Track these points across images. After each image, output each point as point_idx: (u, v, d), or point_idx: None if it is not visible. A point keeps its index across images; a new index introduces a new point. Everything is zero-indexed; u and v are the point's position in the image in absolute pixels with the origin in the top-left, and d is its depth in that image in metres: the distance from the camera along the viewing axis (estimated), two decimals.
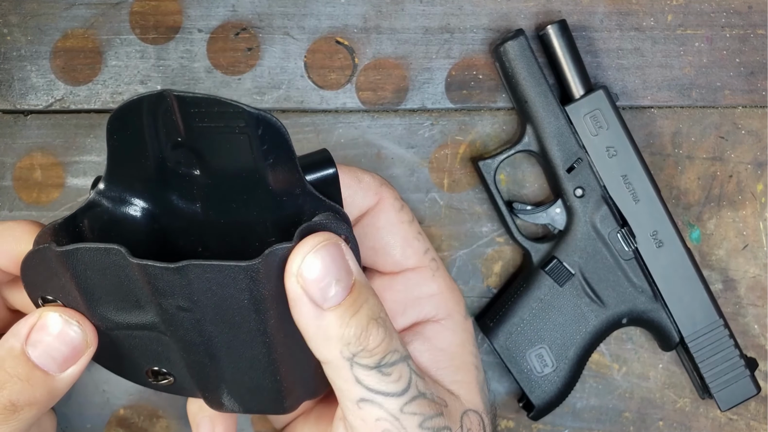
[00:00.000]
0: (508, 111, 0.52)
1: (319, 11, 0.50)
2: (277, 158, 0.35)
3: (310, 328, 0.35)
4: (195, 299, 0.33)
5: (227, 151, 0.35)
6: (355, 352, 0.36)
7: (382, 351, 0.36)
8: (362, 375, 0.36)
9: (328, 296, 0.35)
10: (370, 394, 0.36)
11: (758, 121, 0.52)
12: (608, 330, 0.50)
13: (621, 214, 0.49)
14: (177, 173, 0.37)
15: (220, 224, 0.38)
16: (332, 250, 0.35)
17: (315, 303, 0.35)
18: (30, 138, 0.50)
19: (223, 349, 0.36)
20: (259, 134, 0.34)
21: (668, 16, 0.52)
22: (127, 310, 0.35)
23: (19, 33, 0.50)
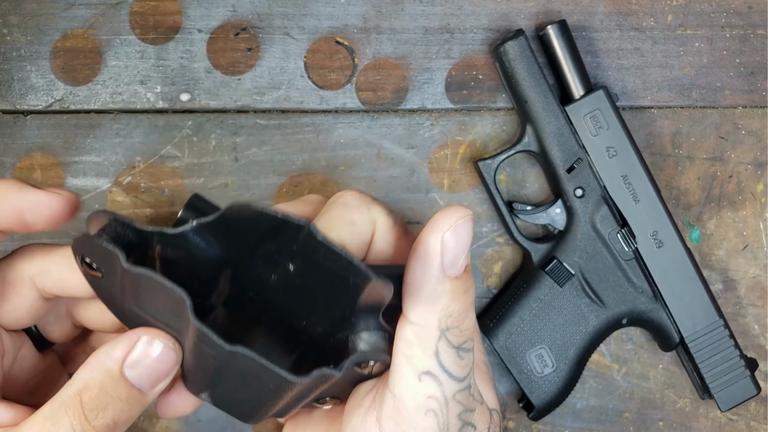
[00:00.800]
0: (508, 111, 0.52)
1: (319, 11, 0.50)
2: (367, 307, 0.37)
3: (427, 287, 0.37)
4: (229, 365, 0.35)
5: (328, 280, 0.36)
6: (450, 326, 0.37)
7: (468, 335, 0.38)
8: (444, 350, 0.37)
9: (456, 265, 0.37)
10: (439, 370, 0.37)
11: (758, 122, 0.52)
12: (608, 330, 0.50)
13: (621, 215, 0.49)
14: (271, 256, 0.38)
15: (282, 298, 0.39)
16: (470, 227, 0.37)
17: (444, 266, 0.37)
18: (30, 138, 0.50)
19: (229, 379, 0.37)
20: (365, 292, 0.36)
21: (668, 16, 0.52)
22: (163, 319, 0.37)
23: (19, 33, 0.50)
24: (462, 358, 0.38)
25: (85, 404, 0.36)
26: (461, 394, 0.38)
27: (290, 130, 0.51)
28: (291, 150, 0.51)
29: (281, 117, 0.51)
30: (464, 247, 0.37)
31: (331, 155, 0.51)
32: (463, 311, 0.37)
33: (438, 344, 0.37)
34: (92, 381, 0.36)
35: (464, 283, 0.38)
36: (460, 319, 0.37)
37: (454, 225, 0.37)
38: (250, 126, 0.51)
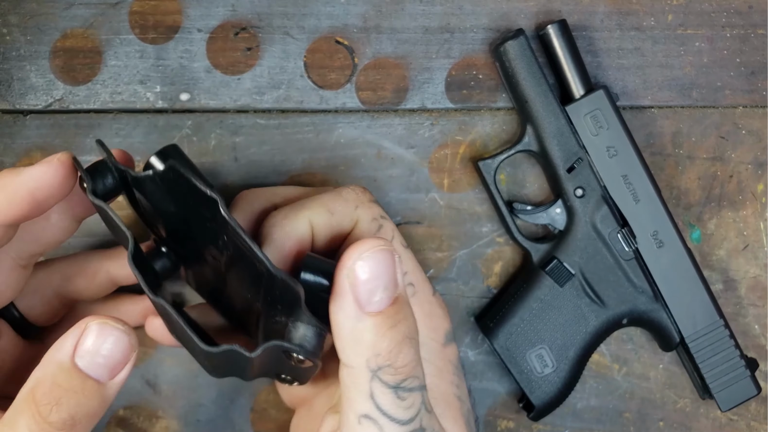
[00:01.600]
0: (508, 111, 0.52)
1: (319, 11, 0.50)
2: (287, 298, 0.36)
3: (346, 327, 0.35)
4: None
5: (245, 260, 0.36)
6: (381, 365, 0.35)
7: (406, 373, 0.36)
8: (378, 391, 0.35)
9: (372, 300, 0.35)
10: (377, 413, 0.35)
11: (759, 121, 0.52)
12: (608, 330, 0.50)
13: (621, 214, 0.49)
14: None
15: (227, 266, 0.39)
16: (386, 257, 0.35)
17: (359, 303, 0.35)
18: (29, 138, 0.50)
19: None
20: (275, 282, 0.35)
21: (668, 15, 0.52)
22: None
23: (19, 33, 0.50)
24: (403, 399, 0.36)
25: (38, 400, 0.34)
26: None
27: (290, 130, 0.51)
28: (291, 150, 0.51)
29: (281, 117, 0.51)
30: (380, 280, 0.35)
31: (331, 155, 0.51)
32: (393, 348, 0.35)
33: (371, 385, 0.35)
34: (44, 376, 0.35)
35: (391, 317, 0.35)
36: (392, 357, 0.35)
37: (363, 258, 0.35)
38: (249, 126, 0.51)
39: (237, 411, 0.51)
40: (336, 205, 0.40)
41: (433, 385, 0.40)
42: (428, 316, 0.41)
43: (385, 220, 0.41)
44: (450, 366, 0.41)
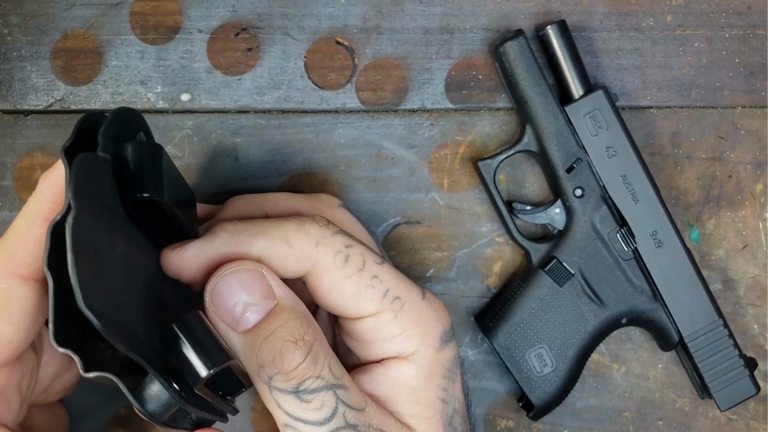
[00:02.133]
0: (507, 111, 0.52)
1: (319, 11, 0.51)
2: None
3: (234, 348, 0.36)
4: None
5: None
6: (270, 375, 0.35)
7: (299, 375, 0.36)
8: (281, 399, 0.36)
9: (241, 319, 0.36)
10: (291, 420, 0.36)
11: (758, 122, 0.52)
12: (608, 330, 0.50)
13: (620, 214, 0.49)
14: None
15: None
16: (243, 276, 0.36)
17: (230, 325, 0.36)
18: (30, 138, 0.50)
19: None
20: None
21: (668, 16, 0.52)
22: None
23: (20, 33, 0.50)
24: (308, 401, 0.36)
25: None
26: None
27: (290, 130, 0.51)
28: (291, 150, 0.51)
29: (281, 117, 0.51)
30: (241, 298, 0.35)
31: (331, 155, 0.51)
32: (275, 356, 0.35)
33: (273, 396, 0.36)
34: None
35: (263, 329, 0.36)
36: (277, 364, 0.35)
37: (215, 288, 0.36)
38: (250, 126, 0.51)
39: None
40: (297, 238, 0.38)
41: (417, 389, 0.40)
42: (418, 323, 0.41)
43: (351, 248, 0.39)
44: (440, 369, 0.41)
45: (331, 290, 0.39)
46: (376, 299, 0.39)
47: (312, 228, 0.39)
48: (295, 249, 0.38)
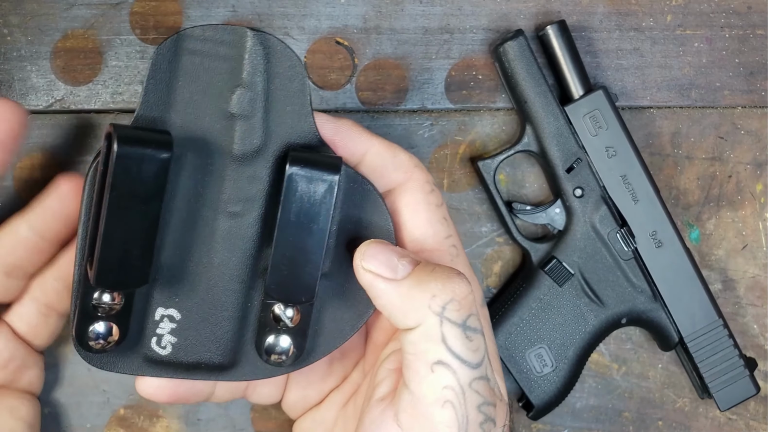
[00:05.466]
0: (507, 111, 0.52)
1: (319, 11, 0.51)
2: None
3: (394, 302, 0.37)
4: None
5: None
6: (444, 302, 0.36)
7: (468, 305, 0.37)
8: (449, 332, 0.36)
9: (397, 268, 0.37)
10: (449, 357, 0.36)
11: (757, 122, 0.52)
12: (608, 330, 0.50)
13: (620, 214, 0.49)
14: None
15: None
16: (379, 244, 0.38)
17: (388, 278, 0.37)
18: (30, 138, 0.50)
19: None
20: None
21: (668, 16, 0.52)
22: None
23: (20, 33, 0.50)
24: (470, 339, 0.37)
25: None
26: (478, 383, 0.37)
27: None
28: None
29: None
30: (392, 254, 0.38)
31: None
32: (445, 281, 0.37)
33: (442, 329, 0.36)
34: None
35: (425, 267, 0.38)
36: (449, 289, 0.37)
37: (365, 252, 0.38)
38: None
39: (237, 410, 0.51)
40: (402, 153, 0.42)
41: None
42: (469, 277, 0.42)
43: (436, 190, 0.43)
44: (489, 326, 0.43)
45: (409, 208, 0.42)
46: (439, 235, 0.42)
47: (414, 157, 0.43)
48: (397, 161, 0.42)
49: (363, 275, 0.38)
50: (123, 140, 0.35)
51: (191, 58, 0.38)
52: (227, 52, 0.38)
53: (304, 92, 0.39)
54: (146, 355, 0.40)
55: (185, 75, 0.38)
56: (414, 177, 0.42)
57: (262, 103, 0.38)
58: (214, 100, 0.38)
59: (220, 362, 0.41)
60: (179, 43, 0.37)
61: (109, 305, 0.38)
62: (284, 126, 0.39)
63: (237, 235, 0.39)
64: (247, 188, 0.39)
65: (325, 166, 0.38)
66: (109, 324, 0.38)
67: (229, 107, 0.38)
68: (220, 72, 0.38)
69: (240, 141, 0.38)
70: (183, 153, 0.38)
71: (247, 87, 0.38)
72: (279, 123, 0.39)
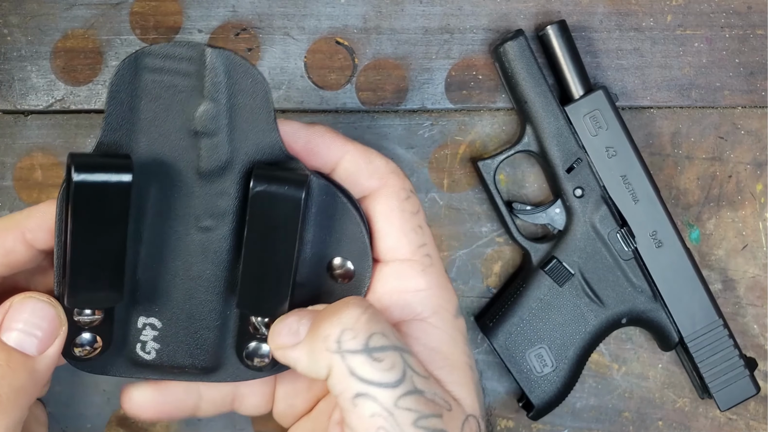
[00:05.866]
0: (507, 111, 0.52)
1: (319, 12, 0.51)
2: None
3: (305, 363, 0.37)
4: None
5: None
6: (336, 336, 0.36)
7: (364, 326, 0.36)
8: (354, 363, 0.36)
9: (298, 332, 0.37)
10: (364, 387, 0.35)
11: (758, 122, 0.52)
12: (608, 330, 0.50)
13: (620, 214, 0.49)
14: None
15: None
16: (281, 320, 0.39)
17: (293, 344, 0.37)
18: (30, 138, 0.50)
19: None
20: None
21: (668, 16, 0.52)
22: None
23: (20, 33, 0.50)
24: (379, 360, 0.36)
25: None
26: (405, 399, 0.36)
27: None
28: None
29: (281, 117, 0.51)
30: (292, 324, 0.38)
31: None
32: (332, 319, 0.36)
33: (346, 362, 0.36)
34: None
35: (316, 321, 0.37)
36: (338, 322, 0.36)
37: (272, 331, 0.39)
38: None
39: None
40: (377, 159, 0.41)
41: (449, 354, 0.40)
42: (442, 287, 0.42)
43: (413, 196, 0.43)
44: (461, 336, 0.42)
45: (382, 215, 0.41)
46: (412, 245, 0.41)
47: (391, 162, 0.42)
48: (372, 167, 0.41)
49: (276, 353, 0.38)
50: (80, 168, 0.35)
51: (152, 76, 0.37)
52: (188, 68, 0.37)
53: (268, 107, 0.38)
54: (132, 358, 0.41)
55: (147, 94, 0.37)
56: (389, 183, 0.41)
57: (226, 119, 0.38)
58: (178, 118, 0.37)
59: (203, 366, 0.41)
60: (138, 61, 0.37)
61: (89, 318, 0.39)
62: (249, 142, 0.38)
63: (210, 249, 0.39)
64: (217, 203, 0.39)
65: (290, 183, 0.37)
66: (93, 335, 0.39)
67: (192, 125, 0.37)
68: (181, 89, 0.37)
69: (206, 158, 0.38)
70: (150, 172, 0.38)
71: (209, 104, 0.37)
72: (243, 139, 0.38)
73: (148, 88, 0.37)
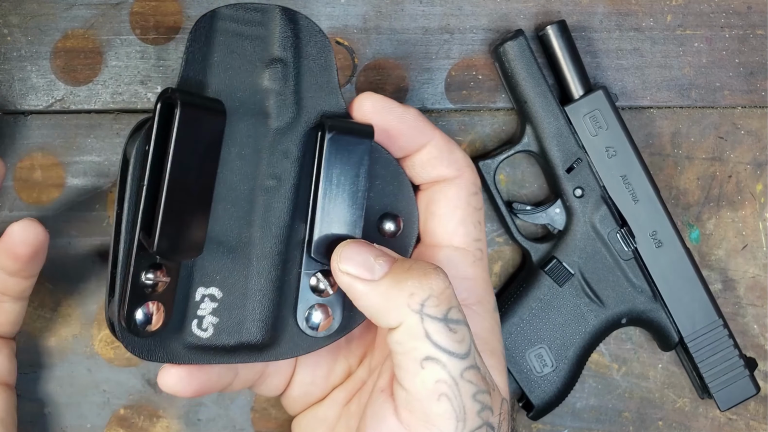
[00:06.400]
0: (507, 111, 0.52)
1: (319, 11, 0.51)
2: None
3: (374, 303, 0.38)
4: None
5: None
6: (422, 299, 0.37)
7: (447, 300, 0.37)
8: (431, 328, 0.37)
9: (374, 269, 0.38)
10: (436, 352, 0.37)
11: (757, 122, 0.52)
12: (608, 330, 0.50)
13: (620, 214, 0.49)
14: None
15: None
16: (361, 244, 0.39)
17: (365, 279, 0.38)
18: (30, 138, 0.50)
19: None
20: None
21: (668, 16, 0.52)
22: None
23: (20, 33, 0.50)
24: (454, 331, 0.37)
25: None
26: (469, 372, 0.37)
27: None
28: None
29: None
30: (368, 255, 0.38)
31: None
32: (420, 278, 0.37)
33: (424, 325, 0.37)
34: None
35: (401, 266, 0.38)
36: (426, 286, 0.37)
37: (341, 254, 0.38)
38: None
39: (238, 410, 0.51)
40: (458, 151, 0.44)
41: (488, 340, 0.43)
42: (486, 282, 0.44)
43: (480, 193, 0.45)
44: (498, 327, 0.44)
45: (449, 202, 0.43)
46: (469, 236, 0.43)
47: (468, 157, 0.44)
48: (453, 156, 0.43)
49: (341, 277, 0.38)
50: (186, 104, 0.36)
51: (224, 36, 0.39)
52: (258, 30, 0.39)
53: (331, 68, 0.40)
54: (187, 341, 0.40)
55: (220, 51, 0.39)
56: (464, 176, 0.43)
57: (293, 77, 0.40)
58: (248, 75, 0.39)
59: (261, 341, 0.41)
60: (213, 21, 0.39)
61: (156, 281, 0.37)
62: (314, 100, 0.40)
63: (273, 209, 0.40)
64: (281, 162, 0.40)
65: (359, 133, 0.40)
66: (157, 304, 0.38)
67: (262, 82, 0.39)
68: (252, 48, 0.39)
69: (275, 115, 0.40)
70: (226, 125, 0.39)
71: (278, 62, 0.39)
72: (309, 97, 0.40)
73: (221, 46, 0.39)
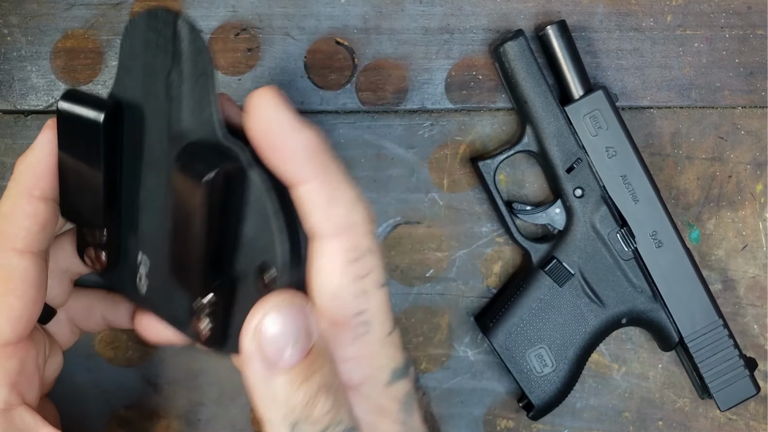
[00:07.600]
0: (507, 111, 0.52)
1: (319, 12, 0.51)
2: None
3: (259, 387, 0.35)
4: None
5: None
6: (297, 419, 0.35)
7: (326, 422, 0.35)
8: None
9: (282, 357, 0.34)
10: None
11: (757, 122, 0.52)
12: (608, 330, 0.50)
13: (620, 215, 0.49)
14: None
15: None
16: (295, 312, 0.34)
17: (268, 363, 0.34)
18: (30, 138, 0.50)
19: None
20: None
21: (668, 16, 0.52)
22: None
23: (20, 33, 0.50)
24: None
25: None
26: None
27: None
28: None
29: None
30: (289, 336, 0.34)
31: None
32: (308, 401, 0.34)
33: None
34: None
35: (304, 371, 0.34)
36: (308, 410, 0.34)
37: (266, 318, 0.34)
38: None
39: (238, 410, 0.51)
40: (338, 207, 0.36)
41: (376, 423, 0.38)
42: (374, 356, 0.38)
43: (371, 254, 0.37)
44: (394, 404, 0.39)
45: (323, 271, 0.36)
46: (348, 310, 0.37)
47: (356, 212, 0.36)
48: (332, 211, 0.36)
49: (247, 340, 0.35)
50: (65, 97, 0.39)
51: (135, 42, 0.39)
52: (161, 39, 0.38)
53: (205, 81, 0.36)
54: (135, 287, 0.42)
55: (143, 53, 0.39)
56: (342, 239, 0.36)
57: (185, 87, 0.37)
58: (162, 81, 0.38)
59: (182, 320, 0.41)
60: (139, 21, 0.39)
61: (93, 237, 0.42)
62: (192, 116, 0.37)
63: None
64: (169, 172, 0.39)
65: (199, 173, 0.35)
66: (100, 250, 0.43)
67: (167, 88, 0.38)
68: (165, 53, 0.38)
69: (172, 123, 0.38)
70: (138, 127, 0.40)
71: (175, 69, 0.37)
72: (188, 111, 0.37)
73: (136, 53, 0.39)
